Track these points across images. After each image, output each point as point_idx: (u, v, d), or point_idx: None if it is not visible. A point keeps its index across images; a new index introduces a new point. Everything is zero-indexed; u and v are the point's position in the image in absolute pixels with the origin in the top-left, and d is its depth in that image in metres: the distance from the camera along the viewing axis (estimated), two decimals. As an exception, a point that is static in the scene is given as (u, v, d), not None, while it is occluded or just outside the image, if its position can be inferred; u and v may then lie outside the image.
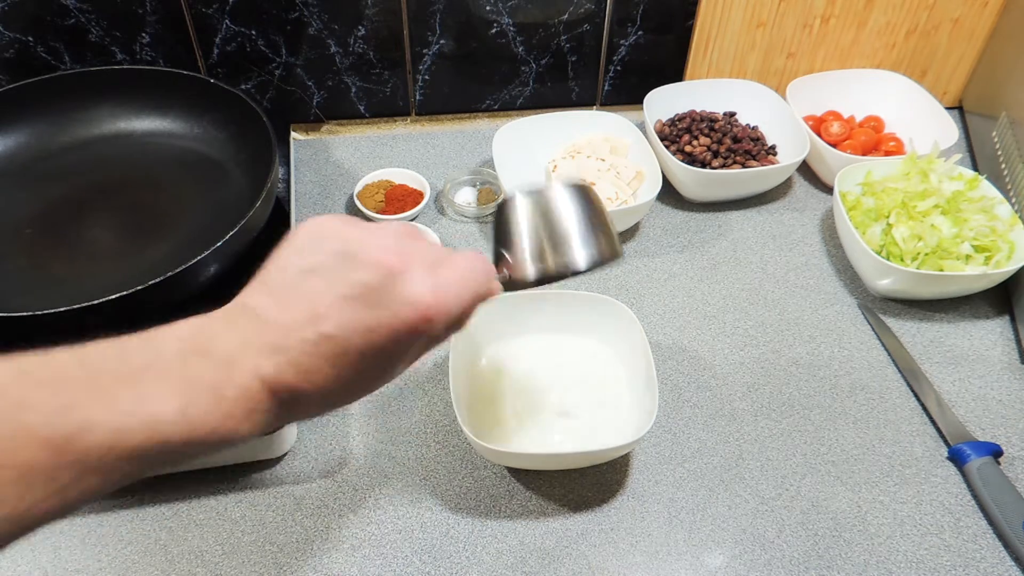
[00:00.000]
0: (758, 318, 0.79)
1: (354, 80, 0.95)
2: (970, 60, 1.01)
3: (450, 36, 0.92)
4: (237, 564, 0.61)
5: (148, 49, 0.88)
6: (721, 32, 0.96)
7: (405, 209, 0.86)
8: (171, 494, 0.65)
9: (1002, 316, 0.80)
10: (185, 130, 0.83)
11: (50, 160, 0.80)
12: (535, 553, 0.62)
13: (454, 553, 0.62)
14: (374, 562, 0.61)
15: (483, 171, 0.92)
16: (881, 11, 0.95)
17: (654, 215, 0.89)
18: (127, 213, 0.77)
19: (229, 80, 0.92)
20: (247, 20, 0.87)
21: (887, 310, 0.80)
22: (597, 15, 0.92)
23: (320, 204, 0.89)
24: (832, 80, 0.98)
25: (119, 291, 0.59)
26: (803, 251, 0.86)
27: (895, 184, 0.81)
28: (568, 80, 0.99)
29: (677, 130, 0.93)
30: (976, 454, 0.66)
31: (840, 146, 0.91)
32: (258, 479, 0.66)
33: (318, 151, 0.96)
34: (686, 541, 0.63)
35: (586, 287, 0.81)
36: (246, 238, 0.68)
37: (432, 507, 0.65)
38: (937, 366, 0.75)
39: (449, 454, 0.68)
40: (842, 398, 0.72)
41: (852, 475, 0.67)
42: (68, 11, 0.84)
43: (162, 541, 0.62)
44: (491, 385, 0.70)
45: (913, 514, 0.64)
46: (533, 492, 0.66)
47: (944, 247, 0.76)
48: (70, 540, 0.62)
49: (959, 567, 0.61)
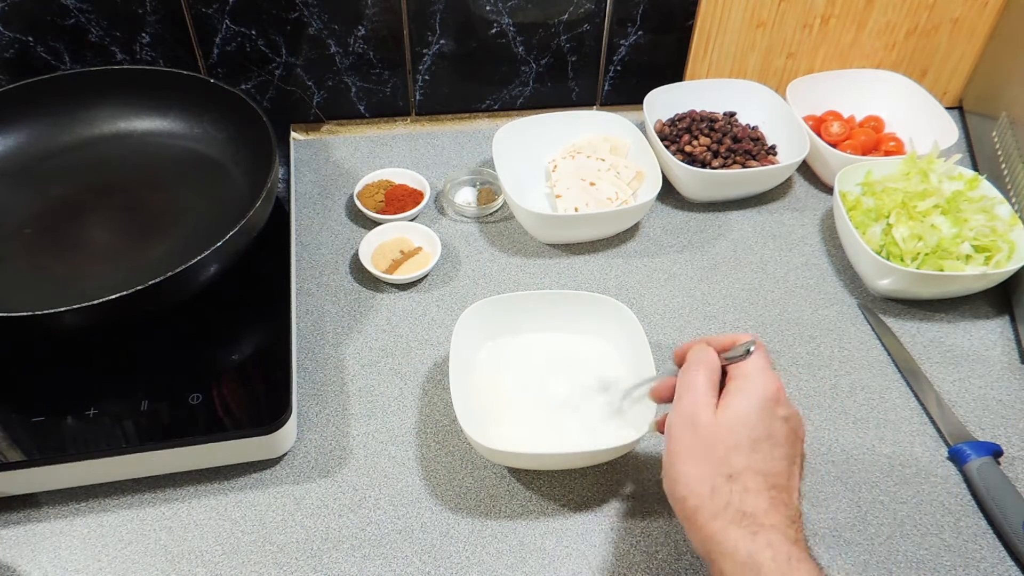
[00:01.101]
0: (758, 318, 0.79)
1: (354, 80, 0.95)
2: (970, 60, 1.01)
3: (450, 36, 0.92)
4: (237, 564, 0.61)
5: (148, 49, 0.88)
6: (721, 32, 0.96)
7: (405, 209, 0.86)
8: (171, 494, 0.65)
9: (1002, 316, 0.80)
10: (185, 130, 0.83)
11: (50, 160, 0.80)
12: (535, 553, 0.62)
13: (454, 553, 0.62)
14: (374, 562, 0.61)
15: (483, 171, 0.92)
16: (881, 11, 0.95)
17: (654, 215, 0.89)
18: (127, 213, 0.77)
19: (229, 80, 0.92)
20: (247, 20, 0.87)
21: (887, 310, 0.80)
22: (597, 15, 0.92)
23: (320, 204, 0.89)
24: (832, 80, 0.98)
25: (119, 291, 0.59)
26: (803, 251, 0.86)
27: (895, 184, 0.81)
28: (568, 80, 0.99)
29: (677, 130, 0.93)
30: (976, 454, 0.66)
31: (840, 146, 0.91)
32: (258, 479, 0.66)
33: (318, 151, 0.96)
34: (686, 541, 0.62)
35: (586, 287, 0.82)
36: (246, 238, 0.68)
37: (432, 507, 0.65)
38: (937, 366, 0.75)
39: (449, 454, 0.68)
40: (842, 398, 0.72)
41: (852, 475, 0.67)
42: (68, 11, 0.84)
43: (162, 541, 0.62)
44: (491, 385, 0.70)
45: (913, 514, 0.64)
46: (533, 492, 0.66)
47: (944, 247, 0.76)
48: (70, 540, 0.62)
49: (959, 567, 0.61)
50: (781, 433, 0.51)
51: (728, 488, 0.48)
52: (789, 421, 0.52)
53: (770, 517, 0.47)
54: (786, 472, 0.50)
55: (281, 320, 0.71)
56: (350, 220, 0.88)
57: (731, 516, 0.47)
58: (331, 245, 0.85)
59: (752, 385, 0.51)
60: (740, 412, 0.50)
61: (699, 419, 0.51)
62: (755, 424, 0.50)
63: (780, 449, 0.50)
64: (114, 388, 0.66)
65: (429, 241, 0.83)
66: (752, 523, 0.46)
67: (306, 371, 0.74)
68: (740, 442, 0.49)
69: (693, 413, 0.51)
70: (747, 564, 0.45)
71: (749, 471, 0.48)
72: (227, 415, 0.64)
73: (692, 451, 0.50)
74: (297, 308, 0.78)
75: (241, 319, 0.72)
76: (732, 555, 0.46)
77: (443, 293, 0.81)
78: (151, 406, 0.64)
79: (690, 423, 0.51)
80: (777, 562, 0.45)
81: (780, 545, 0.45)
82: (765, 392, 0.51)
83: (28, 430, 0.62)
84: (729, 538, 0.46)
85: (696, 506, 0.48)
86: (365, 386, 0.73)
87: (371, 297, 0.80)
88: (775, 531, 0.46)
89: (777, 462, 0.50)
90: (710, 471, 0.49)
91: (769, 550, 0.45)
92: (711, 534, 0.47)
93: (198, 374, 0.67)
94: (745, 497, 0.47)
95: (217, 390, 0.65)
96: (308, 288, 0.81)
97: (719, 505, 0.47)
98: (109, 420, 0.63)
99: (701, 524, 0.48)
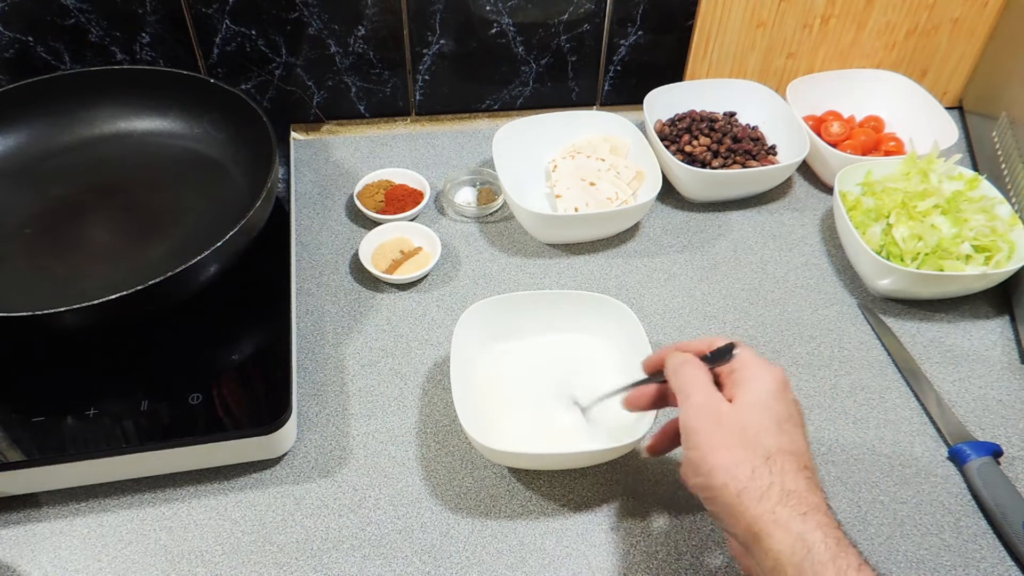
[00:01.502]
0: (758, 318, 0.79)
1: (354, 80, 0.95)
2: (970, 60, 1.01)
3: (450, 36, 0.92)
4: (237, 564, 0.61)
5: (148, 49, 0.88)
6: (721, 32, 0.96)
7: (405, 209, 0.86)
8: (171, 494, 0.65)
9: (1002, 316, 0.80)
10: (185, 130, 0.83)
11: (50, 160, 0.80)
12: (535, 553, 0.62)
13: (454, 553, 0.62)
14: (374, 562, 0.61)
15: (483, 171, 0.92)
16: (881, 11, 0.95)
17: (654, 215, 0.89)
18: (127, 213, 0.77)
19: (229, 80, 0.92)
20: (247, 20, 0.87)
21: (887, 310, 0.80)
22: (597, 15, 0.92)
23: (320, 204, 0.89)
24: (832, 80, 0.98)
25: (119, 291, 0.59)
26: (803, 251, 0.86)
27: (895, 184, 0.81)
28: (568, 80, 0.99)
29: (677, 130, 0.93)
30: (976, 454, 0.66)
31: (840, 146, 0.91)
32: (258, 479, 0.66)
33: (318, 151, 0.96)
34: (686, 541, 0.63)
35: (586, 287, 0.82)
36: (246, 238, 0.68)
37: (432, 507, 0.65)
38: (937, 366, 0.75)
39: (449, 454, 0.68)
40: (842, 398, 0.72)
41: (852, 475, 0.67)
42: (68, 11, 0.84)
43: (162, 541, 0.62)
44: (491, 385, 0.70)
45: (913, 514, 0.64)
46: (533, 492, 0.66)
47: (944, 247, 0.76)
48: (70, 540, 0.62)
49: (959, 567, 0.61)
50: (797, 415, 0.52)
51: (767, 469, 0.48)
52: (798, 405, 0.53)
53: (811, 497, 0.48)
54: (808, 452, 0.51)
55: (281, 320, 0.71)
56: (350, 220, 0.88)
57: (776, 496, 0.47)
58: (331, 245, 0.85)
59: (760, 372, 0.53)
60: (759, 397, 0.51)
61: (720, 409, 0.51)
62: (774, 407, 0.51)
63: (799, 430, 0.52)
64: (114, 388, 0.66)
65: (429, 241, 0.83)
66: (799, 503, 0.47)
67: (306, 371, 0.74)
68: (767, 425, 0.50)
69: (711, 405, 0.52)
70: (797, 543, 0.46)
71: (781, 452, 0.49)
72: (227, 415, 0.64)
73: (723, 440, 0.50)
74: (297, 308, 0.78)
75: (241, 319, 0.72)
76: (783, 535, 0.46)
77: (443, 293, 0.81)
78: (151, 406, 0.64)
79: (711, 415, 0.51)
80: (827, 544, 0.45)
81: (829, 529, 0.46)
82: (774, 377, 0.53)
83: (28, 430, 0.62)
84: (780, 518, 0.47)
85: (740, 490, 0.48)
86: (365, 386, 0.73)
87: (371, 297, 0.80)
88: (820, 512, 0.47)
89: (801, 442, 0.51)
90: (747, 455, 0.49)
91: (819, 531, 0.46)
92: (759, 514, 0.47)
93: (198, 374, 0.67)
94: (785, 477, 0.48)
95: (217, 390, 0.65)
96: (308, 288, 0.81)
97: (762, 486, 0.48)
98: (109, 420, 0.63)
99: (747, 507, 0.48)
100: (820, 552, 0.45)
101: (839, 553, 0.45)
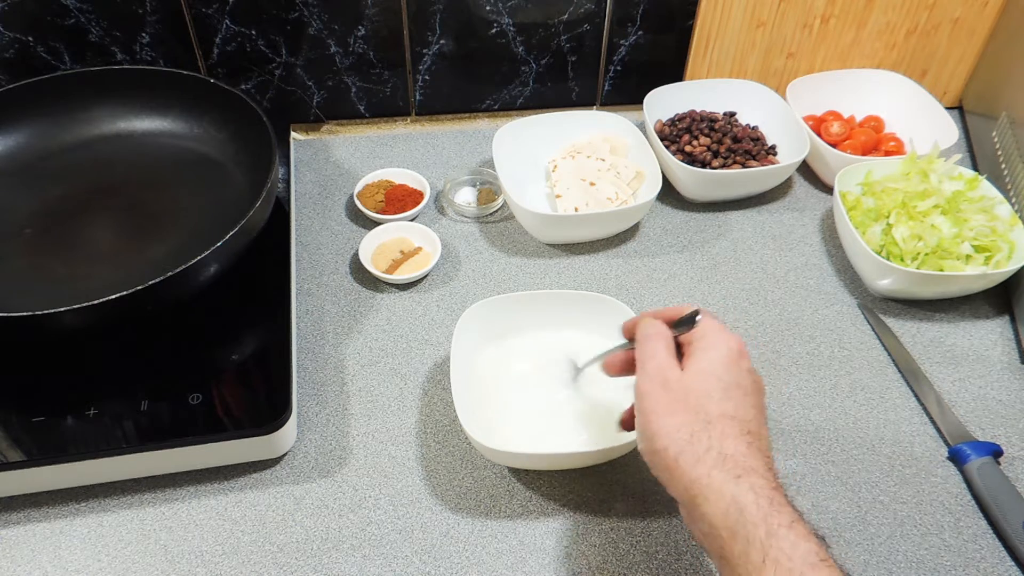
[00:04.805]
0: (758, 318, 0.79)
1: (354, 80, 0.95)
2: (970, 60, 1.01)
3: (450, 36, 0.92)
4: (237, 564, 0.61)
5: (148, 49, 0.88)
6: (721, 32, 0.96)
7: (405, 209, 0.86)
8: (171, 494, 0.65)
9: (1002, 316, 0.80)
10: (185, 130, 0.83)
11: (50, 160, 0.80)
12: (535, 553, 0.62)
13: (454, 553, 0.62)
14: (374, 562, 0.61)
15: (483, 171, 0.92)
16: (881, 11, 0.95)
17: (654, 215, 0.89)
18: (127, 213, 0.77)
19: (229, 80, 0.92)
20: (247, 20, 0.88)
21: (887, 310, 0.80)
22: (597, 15, 0.92)
23: (320, 204, 0.89)
24: (832, 80, 0.98)
25: (119, 291, 0.59)
26: (803, 251, 0.86)
27: (895, 184, 0.81)
28: (568, 80, 0.99)
29: (677, 130, 0.93)
30: (976, 454, 0.66)
31: (840, 146, 0.91)
32: (258, 479, 0.66)
33: (318, 151, 0.96)
34: (686, 541, 0.62)
35: (586, 287, 0.82)
36: (246, 238, 0.68)
37: (432, 507, 0.65)
38: (937, 366, 0.75)
39: (449, 454, 0.68)
40: (842, 398, 0.72)
41: (852, 475, 0.67)
42: (68, 11, 0.84)
43: (162, 541, 0.62)
44: (491, 385, 0.70)
45: (913, 514, 0.64)
46: (533, 492, 0.66)
47: (944, 247, 0.76)
48: (70, 540, 0.62)
49: (959, 567, 0.61)
50: (748, 383, 0.53)
51: (707, 433, 0.49)
52: (752, 374, 0.54)
53: (749, 460, 0.48)
54: (757, 420, 0.51)
55: (281, 320, 0.71)
56: (350, 220, 0.88)
57: (713, 459, 0.48)
58: (331, 245, 0.85)
59: (714, 340, 0.53)
60: (708, 364, 0.52)
61: (668, 377, 0.52)
62: (723, 374, 0.52)
63: (750, 398, 0.52)
64: (114, 388, 0.66)
65: (429, 241, 0.83)
66: (734, 466, 0.47)
67: (306, 371, 0.74)
68: (712, 391, 0.51)
69: (661, 373, 0.53)
70: (731, 506, 0.46)
71: (724, 417, 0.50)
72: (227, 415, 0.64)
73: (667, 406, 0.51)
74: (297, 308, 0.78)
75: (241, 319, 0.72)
76: (716, 498, 0.47)
77: (443, 293, 0.81)
78: (151, 406, 0.64)
79: (660, 382, 0.52)
80: (759, 504, 0.46)
81: (762, 489, 0.46)
82: (728, 345, 0.53)
83: (28, 430, 0.62)
84: (714, 481, 0.47)
85: (677, 453, 0.49)
86: (365, 386, 0.73)
87: (371, 297, 0.80)
88: (756, 474, 0.47)
89: (749, 409, 0.51)
90: (688, 419, 0.50)
91: (752, 493, 0.46)
92: (696, 478, 0.48)
93: (198, 374, 0.67)
94: (724, 441, 0.49)
95: (217, 390, 0.65)
96: (308, 288, 0.81)
97: (700, 449, 0.48)
98: (109, 420, 0.63)
99: (684, 470, 0.48)
100: (752, 513, 0.45)
101: (771, 512, 0.45)
